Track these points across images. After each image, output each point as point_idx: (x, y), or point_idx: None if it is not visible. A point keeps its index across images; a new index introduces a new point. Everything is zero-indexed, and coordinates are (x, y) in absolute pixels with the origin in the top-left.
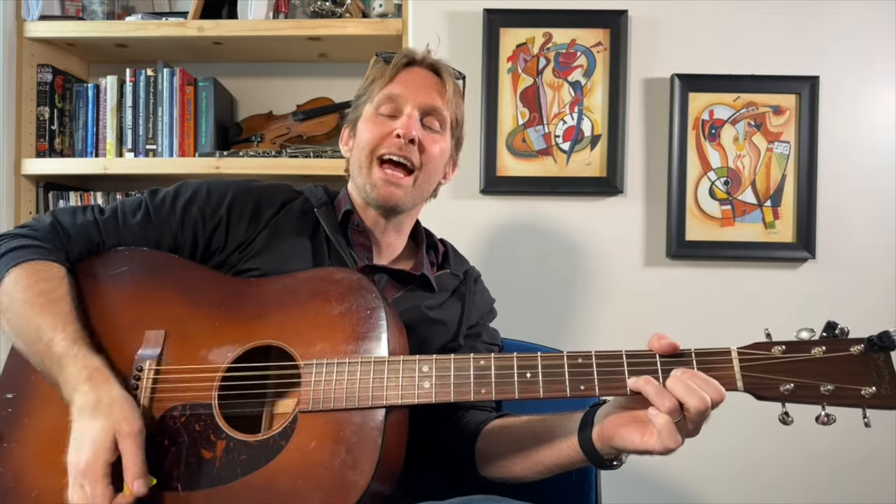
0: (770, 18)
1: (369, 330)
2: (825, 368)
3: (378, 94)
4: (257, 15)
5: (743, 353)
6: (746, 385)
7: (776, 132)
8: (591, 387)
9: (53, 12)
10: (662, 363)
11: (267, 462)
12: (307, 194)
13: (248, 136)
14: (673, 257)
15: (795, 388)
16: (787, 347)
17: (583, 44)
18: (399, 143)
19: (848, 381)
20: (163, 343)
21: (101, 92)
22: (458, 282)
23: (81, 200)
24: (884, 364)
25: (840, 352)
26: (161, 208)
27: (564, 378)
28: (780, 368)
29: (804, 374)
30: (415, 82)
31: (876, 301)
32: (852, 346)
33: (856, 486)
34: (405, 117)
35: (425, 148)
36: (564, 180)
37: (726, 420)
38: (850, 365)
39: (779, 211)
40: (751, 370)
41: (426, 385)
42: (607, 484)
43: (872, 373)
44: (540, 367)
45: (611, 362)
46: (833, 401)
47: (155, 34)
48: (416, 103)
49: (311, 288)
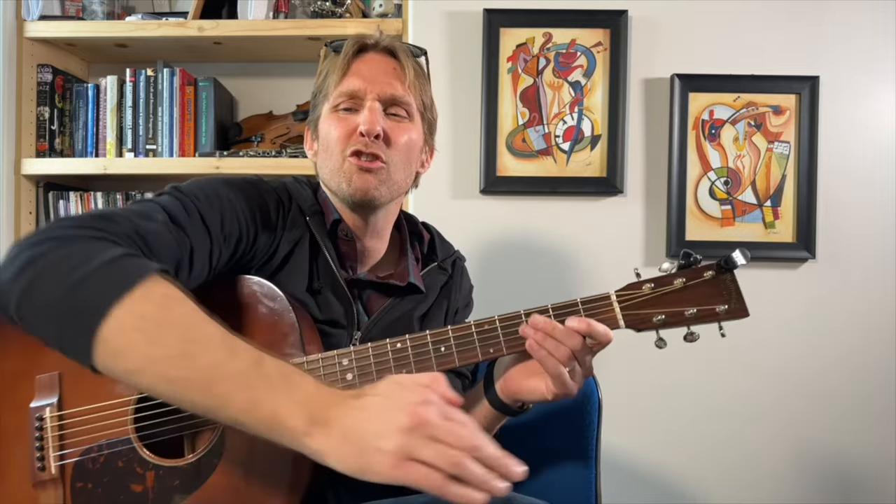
0: (770, 18)
1: (282, 336)
2: (687, 295)
3: (334, 90)
4: (257, 15)
5: (620, 295)
6: (627, 323)
7: (776, 132)
8: (499, 348)
9: (53, 12)
10: (556, 315)
11: (203, 482)
12: (296, 198)
13: (248, 136)
14: (673, 258)
15: (666, 317)
16: (655, 284)
17: (583, 44)
18: (364, 140)
19: (706, 303)
20: (59, 386)
21: (101, 92)
22: (447, 277)
23: (81, 200)
24: (731, 283)
25: (696, 279)
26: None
27: (475, 345)
28: (652, 303)
29: (671, 303)
30: (371, 71)
31: (876, 301)
32: (705, 272)
33: (856, 484)
34: (366, 111)
35: (392, 140)
36: (564, 180)
37: (727, 419)
38: (705, 288)
39: (779, 211)
40: (628, 309)
41: (349, 377)
42: (607, 484)
43: (723, 292)
44: (452, 338)
45: (513, 323)
46: (696, 321)
47: (155, 34)
48: (375, 94)
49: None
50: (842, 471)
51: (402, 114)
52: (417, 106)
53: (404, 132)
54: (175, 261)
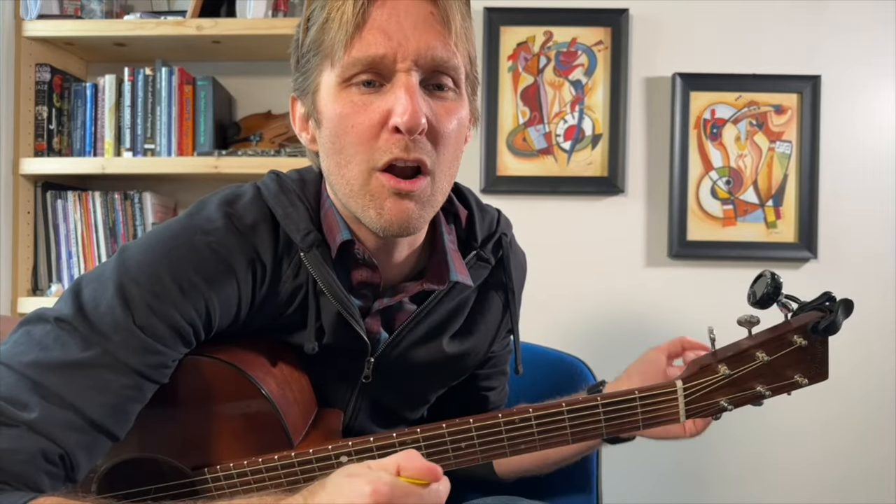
0: (772, 17)
1: (266, 438)
2: (766, 371)
3: (342, 52)
4: (256, 13)
5: (688, 387)
6: (688, 414)
7: (778, 131)
8: (533, 444)
9: (52, 11)
10: (607, 407)
11: None
12: (281, 220)
13: (246, 135)
14: (674, 257)
15: (733, 402)
16: (730, 364)
17: (584, 42)
18: (402, 141)
19: (784, 377)
20: None
21: (99, 91)
22: (488, 270)
23: (80, 200)
24: (821, 347)
25: (783, 349)
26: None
27: (504, 441)
28: (723, 388)
29: (743, 384)
30: (400, 22)
31: (877, 301)
32: (795, 336)
33: (856, 486)
34: (401, 92)
35: (438, 131)
36: (565, 180)
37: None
38: (788, 358)
39: (780, 211)
40: (694, 401)
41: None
42: (608, 483)
43: (808, 358)
44: (475, 432)
45: (550, 417)
46: (766, 398)
47: (153, 33)
48: (411, 61)
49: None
50: (842, 471)
51: (447, 84)
52: (464, 66)
53: (452, 114)
54: (58, 458)
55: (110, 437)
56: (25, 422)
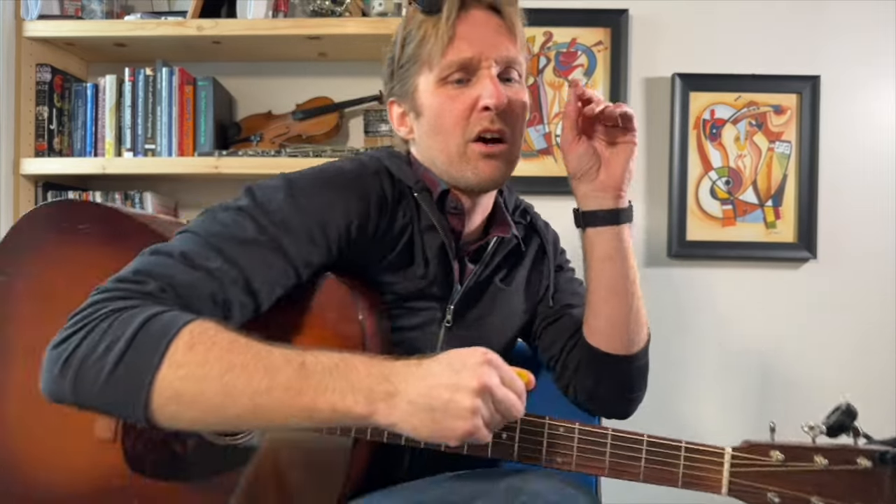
0: (771, 18)
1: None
2: (823, 480)
3: (439, 58)
4: (256, 14)
5: (737, 458)
6: (731, 489)
7: (777, 132)
8: (569, 461)
9: (52, 12)
10: (651, 448)
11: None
12: (395, 173)
13: (247, 135)
14: (674, 257)
15: (783, 500)
16: (787, 455)
17: (583, 43)
18: (490, 116)
19: (842, 498)
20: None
21: (99, 91)
22: (524, 230)
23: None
24: (890, 480)
25: (845, 464)
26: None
27: (542, 447)
28: (773, 477)
29: (798, 485)
30: (480, 34)
31: (877, 301)
32: (859, 458)
33: None
34: (487, 81)
35: (511, 111)
36: (565, 180)
37: (728, 418)
38: (850, 479)
39: (780, 211)
40: (740, 476)
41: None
42: (608, 483)
43: (873, 488)
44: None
45: (594, 437)
46: None
47: (154, 33)
48: (492, 61)
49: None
50: None
51: (515, 76)
52: (525, 63)
53: (520, 97)
54: (221, 301)
55: (257, 305)
56: (206, 268)
